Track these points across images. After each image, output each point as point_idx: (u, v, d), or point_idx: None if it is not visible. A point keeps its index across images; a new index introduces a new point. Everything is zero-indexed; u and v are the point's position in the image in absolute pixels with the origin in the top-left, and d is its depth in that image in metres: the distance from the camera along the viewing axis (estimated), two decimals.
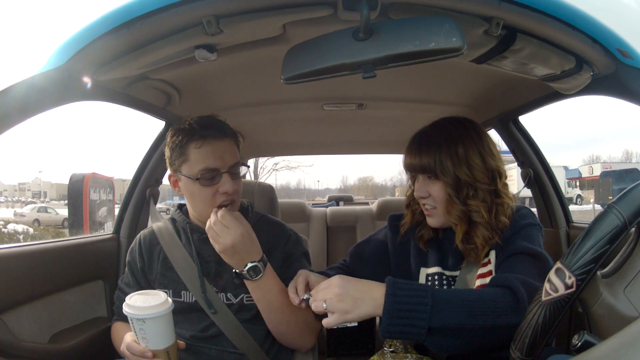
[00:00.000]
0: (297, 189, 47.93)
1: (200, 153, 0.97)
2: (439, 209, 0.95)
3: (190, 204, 1.05)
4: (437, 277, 0.98)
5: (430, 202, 0.95)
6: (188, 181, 0.99)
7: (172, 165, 1.02)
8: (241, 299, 1.02)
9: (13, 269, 1.04)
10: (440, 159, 0.91)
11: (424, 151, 0.94)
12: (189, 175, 0.98)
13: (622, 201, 0.59)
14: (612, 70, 0.81)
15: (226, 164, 0.99)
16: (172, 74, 1.11)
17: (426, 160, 0.93)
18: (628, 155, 42.72)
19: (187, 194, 1.02)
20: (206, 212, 0.98)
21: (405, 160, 0.99)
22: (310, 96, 1.49)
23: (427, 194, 0.95)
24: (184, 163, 0.99)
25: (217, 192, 0.98)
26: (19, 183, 47.39)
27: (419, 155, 0.94)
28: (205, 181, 0.97)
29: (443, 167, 0.91)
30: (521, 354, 0.64)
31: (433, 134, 0.96)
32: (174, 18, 0.73)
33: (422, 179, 0.96)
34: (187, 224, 1.07)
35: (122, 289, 1.09)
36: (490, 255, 0.93)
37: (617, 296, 0.62)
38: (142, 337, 0.83)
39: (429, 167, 0.93)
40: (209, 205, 0.98)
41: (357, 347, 1.46)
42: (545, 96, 1.25)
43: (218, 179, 0.98)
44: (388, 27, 0.68)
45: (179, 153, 0.99)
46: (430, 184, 0.95)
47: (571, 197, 20.77)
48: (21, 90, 0.73)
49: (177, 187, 1.04)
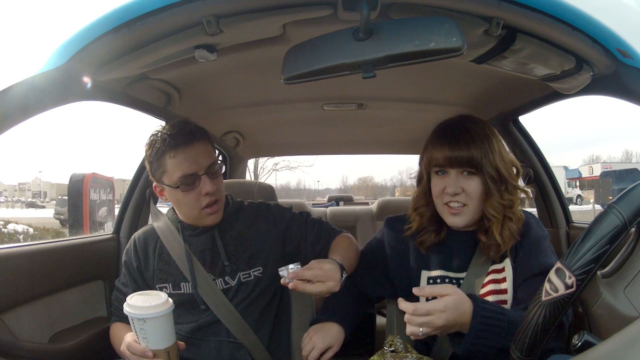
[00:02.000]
0: (297, 189, 47.94)
1: (176, 162, 1.00)
2: (470, 207, 0.92)
3: (178, 209, 1.09)
4: (440, 280, 0.98)
5: (463, 199, 0.92)
6: (170, 190, 1.03)
7: (154, 176, 1.05)
8: (238, 278, 1.06)
9: (13, 269, 1.04)
10: (485, 152, 0.90)
11: (470, 143, 0.90)
12: (170, 184, 1.01)
13: (622, 201, 0.59)
14: (612, 70, 0.81)
15: (202, 166, 1.01)
16: (172, 74, 1.11)
17: (473, 153, 0.90)
18: (628, 155, 42.72)
19: (173, 201, 1.07)
20: (193, 215, 1.05)
21: (444, 152, 0.92)
22: (310, 96, 1.49)
23: (460, 190, 0.91)
24: (164, 174, 1.02)
25: (199, 195, 1.01)
26: (19, 183, 47.44)
27: (466, 148, 0.90)
28: (185, 187, 1.00)
29: (488, 159, 0.90)
30: (521, 354, 0.64)
31: (472, 128, 0.92)
32: (174, 18, 0.73)
33: (455, 175, 0.92)
34: (178, 223, 1.10)
35: (120, 289, 1.11)
36: (505, 262, 0.94)
37: (617, 296, 0.62)
38: (143, 337, 0.83)
39: (474, 160, 0.90)
40: (194, 208, 1.03)
41: (357, 347, 1.46)
42: (545, 96, 1.25)
43: (197, 183, 1.01)
44: (388, 27, 0.68)
45: (157, 165, 1.02)
46: (465, 180, 0.92)
47: (571, 197, 20.75)
48: (21, 90, 0.73)
49: (164, 195, 1.07)
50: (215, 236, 1.08)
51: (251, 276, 1.07)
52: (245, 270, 1.07)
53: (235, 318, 1.04)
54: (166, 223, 1.12)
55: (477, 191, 0.91)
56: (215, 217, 1.06)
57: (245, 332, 1.04)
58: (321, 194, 34.80)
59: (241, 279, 1.07)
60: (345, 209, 2.96)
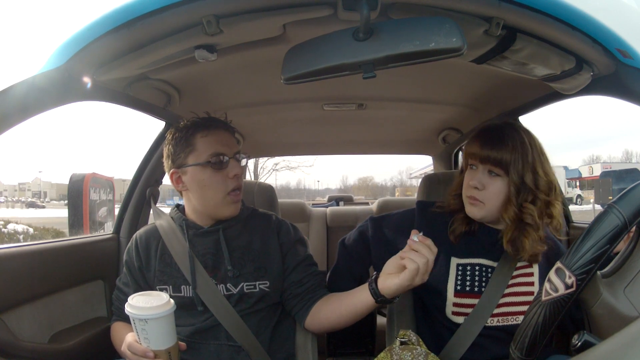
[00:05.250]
0: (297, 189, 47.91)
1: (208, 140, 1.02)
2: (487, 205, 0.96)
3: (199, 194, 1.04)
4: (470, 268, 1.00)
5: (481, 196, 0.96)
6: (196, 170, 1.01)
7: (175, 160, 1.04)
8: (241, 288, 1.04)
9: (13, 269, 1.04)
10: (515, 158, 0.93)
11: (504, 145, 0.94)
12: (198, 162, 1.01)
13: (622, 201, 0.59)
14: (612, 70, 0.81)
15: (232, 150, 1.04)
16: (172, 74, 1.11)
17: (505, 155, 0.94)
18: (628, 155, 42.70)
19: (195, 184, 1.03)
20: (216, 200, 1.03)
21: (476, 149, 0.97)
22: (310, 96, 1.49)
23: (482, 186, 0.96)
24: (191, 153, 1.02)
25: (226, 178, 1.02)
26: (19, 183, 47.40)
27: (499, 148, 0.94)
28: (215, 165, 1.01)
29: (516, 166, 0.93)
30: (521, 354, 0.64)
31: (511, 134, 0.96)
32: (174, 18, 0.73)
33: (483, 171, 0.97)
34: (183, 220, 1.08)
35: (121, 289, 1.10)
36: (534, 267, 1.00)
37: (617, 296, 0.62)
38: (144, 338, 0.83)
39: (503, 162, 0.94)
40: (219, 192, 1.02)
41: (357, 347, 1.46)
42: (545, 96, 1.25)
43: (226, 164, 1.02)
44: (388, 27, 0.67)
45: (185, 145, 1.02)
46: (490, 179, 0.96)
47: (571, 197, 20.76)
48: (21, 90, 0.73)
49: (181, 183, 1.05)
50: (221, 240, 1.05)
51: (256, 288, 1.04)
52: (250, 282, 1.04)
53: (236, 321, 1.02)
54: (169, 222, 1.11)
55: (497, 192, 0.95)
56: (237, 207, 1.06)
57: (246, 336, 1.02)
58: (321, 194, 34.78)
59: (244, 289, 1.04)
60: (345, 209, 2.96)
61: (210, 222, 1.08)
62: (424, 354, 0.84)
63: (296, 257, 1.10)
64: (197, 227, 1.07)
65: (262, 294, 1.04)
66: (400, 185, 45.53)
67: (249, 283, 1.04)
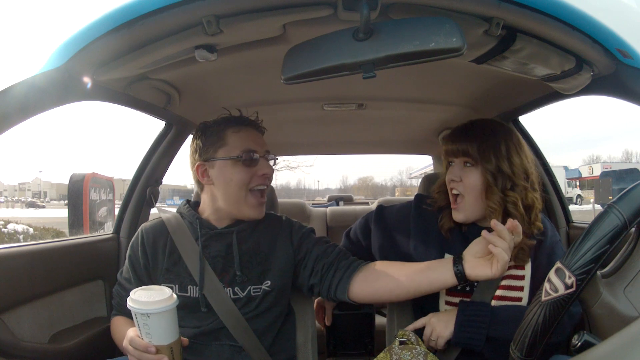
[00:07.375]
0: (297, 189, 47.91)
1: (239, 136, 1.02)
2: (467, 198, 1.00)
3: (224, 190, 1.02)
4: None
5: (460, 188, 1.00)
6: (226, 164, 1.01)
7: (204, 153, 1.03)
8: (248, 291, 1.03)
9: (13, 269, 1.04)
10: (484, 147, 0.98)
11: (471, 137, 1.00)
12: (229, 157, 1.00)
13: (622, 201, 0.59)
14: (612, 70, 0.81)
15: (262, 149, 1.04)
16: (172, 74, 1.11)
17: (472, 145, 0.98)
18: (628, 155, 42.76)
19: (222, 179, 1.02)
20: (239, 197, 1.01)
21: (449, 145, 1.03)
22: (310, 96, 1.49)
23: (459, 178, 1.01)
24: (221, 147, 1.02)
25: (254, 176, 1.02)
26: (19, 183, 47.46)
27: (467, 141, 1.00)
28: (247, 161, 1.01)
29: (485, 155, 0.97)
30: (521, 354, 0.64)
31: (480, 126, 1.03)
32: (174, 18, 0.73)
33: (458, 164, 1.02)
34: (196, 218, 1.05)
35: (122, 284, 1.07)
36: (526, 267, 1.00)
37: (617, 296, 0.62)
38: (146, 333, 0.82)
39: (472, 152, 0.98)
40: (244, 189, 1.01)
41: (357, 347, 1.46)
42: (545, 96, 1.25)
43: (256, 162, 1.02)
44: (388, 27, 0.67)
45: (215, 139, 1.02)
46: (465, 171, 1.00)
47: (571, 197, 20.78)
48: (21, 90, 0.73)
49: (206, 176, 1.04)
50: (233, 244, 1.03)
51: (261, 289, 1.04)
52: (256, 285, 1.03)
53: (241, 325, 1.00)
54: (177, 220, 1.08)
55: (473, 183, 0.99)
56: (261, 211, 1.05)
57: (250, 338, 1.01)
58: (321, 194, 34.79)
59: (251, 292, 1.03)
60: (345, 208, 2.96)
61: (226, 222, 1.06)
62: (423, 353, 0.84)
63: (311, 239, 1.11)
64: (210, 227, 1.05)
65: (264, 293, 1.04)
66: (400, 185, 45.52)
67: (256, 286, 1.03)
